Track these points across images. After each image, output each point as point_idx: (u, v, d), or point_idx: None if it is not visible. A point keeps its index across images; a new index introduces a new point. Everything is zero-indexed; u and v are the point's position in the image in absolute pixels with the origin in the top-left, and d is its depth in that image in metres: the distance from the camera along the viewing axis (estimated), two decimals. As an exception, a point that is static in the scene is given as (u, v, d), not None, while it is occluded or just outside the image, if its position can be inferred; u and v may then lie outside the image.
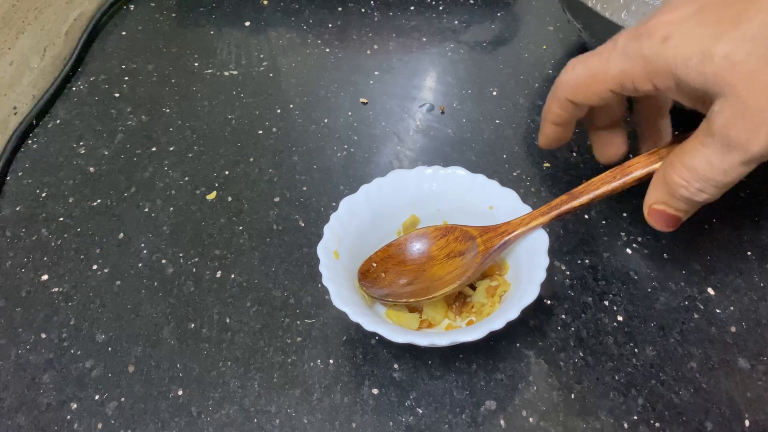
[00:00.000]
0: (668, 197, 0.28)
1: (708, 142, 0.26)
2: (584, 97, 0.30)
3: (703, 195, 0.27)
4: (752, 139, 0.25)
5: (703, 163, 0.26)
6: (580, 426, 0.31)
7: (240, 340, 0.35)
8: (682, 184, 0.27)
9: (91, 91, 0.52)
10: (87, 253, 0.40)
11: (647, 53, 0.26)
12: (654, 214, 0.30)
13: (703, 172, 0.26)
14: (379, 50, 0.56)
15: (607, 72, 0.28)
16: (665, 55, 0.26)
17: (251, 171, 0.45)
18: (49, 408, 0.32)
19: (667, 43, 0.26)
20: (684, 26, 0.25)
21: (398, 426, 0.31)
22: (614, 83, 0.28)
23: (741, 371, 0.33)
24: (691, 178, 0.27)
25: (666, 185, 0.28)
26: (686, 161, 0.27)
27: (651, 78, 0.27)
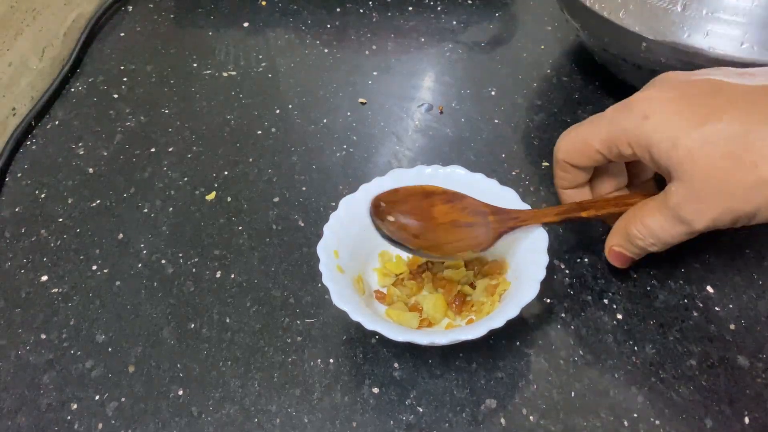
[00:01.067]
0: (626, 243, 0.34)
1: (663, 211, 0.31)
2: (578, 159, 0.34)
3: (654, 247, 0.33)
4: (696, 220, 0.30)
5: (657, 226, 0.32)
6: (580, 424, 0.31)
7: (240, 340, 0.35)
8: (639, 236, 0.33)
9: (89, 92, 0.52)
10: (86, 254, 0.40)
11: (628, 126, 0.31)
12: (613, 253, 0.35)
13: (655, 232, 0.32)
14: (377, 50, 0.56)
15: (596, 137, 0.32)
16: (644, 132, 0.30)
17: (250, 171, 0.45)
18: (50, 408, 0.32)
19: (647, 122, 0.30)
20: (664, 109, 0.30)
21: (399, 425, 0.31)
22: (601, 146, 0.32)
23: (740, 369, 0.33)
24: (647, 234, 0.32)
25: (626, 234, 0.34)
26: (645, 221, 0.32)
27: (631, 146, 0.31)
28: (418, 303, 0.34)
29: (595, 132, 0.33)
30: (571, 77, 0.52)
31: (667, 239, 0.32)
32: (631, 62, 0.44)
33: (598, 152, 0.33)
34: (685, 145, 0.29)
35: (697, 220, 0.30)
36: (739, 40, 0.38)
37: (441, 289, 0.35)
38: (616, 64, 0.47)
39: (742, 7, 0.38)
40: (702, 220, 0.30)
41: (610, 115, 0.32)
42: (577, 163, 0.34)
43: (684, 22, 0.40)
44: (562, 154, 0.35)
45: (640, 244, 0.33)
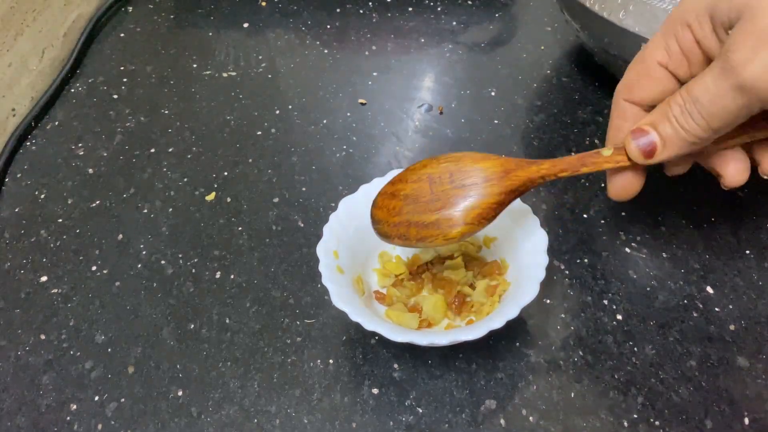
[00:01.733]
0: (660, 117, 0.28)
1: (713, 66, 0.25)
2: (639, 86, 0.29)
3: (690, 123, 0.26)
4: (747, 63, 0.24)
5: (701, 86, 0.26)
6: (579, 425, 0.31)
7: (240, 341, 0.35)
8: (678, 102, 0.27)
9: (89, 92, 0.52)
10: (86, 255, 0.40)
11: (685, 6, 0.27)
12: (636, 132, 0.28)
13: (697, 93, 0.26)
14: (377, 51, 0.56)
15: (653, 46, 0.28)
16: (701, 3, 0.26)
17: (250, 172, 0.45)
18: (49, 409, 0.32)
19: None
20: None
21: (398, 425, 0.31)
22: (659, 51, 0.28)
23: (740, 369, 0.33)
24: (687, 98, 0.26)
25: (664, 105, 0.28)
26: (690, 86, 0.26)
27: (689, 24, 0.27)
28: (418, 304, 0.34)
29: (650, 44, 0.28)
30: (571, 78, 0.52)
31: (707, 104, 0.25)
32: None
33: (658, 64, 0.28)
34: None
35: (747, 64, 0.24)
36: (739, 40, 0.38)
37: (441, 290, 0.35)
38: (616, 65, 0.47)
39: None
40: (753, 66, 0.24)
41: (660, 26, 0.29)
42: (639, 95, 0.29)
43: (684, 23, 0.40)
44: (621, 91, 0.30)
45: (676, 112, 0.27)
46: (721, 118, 0.26)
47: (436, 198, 0.31)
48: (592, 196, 0.41)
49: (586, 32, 0.47)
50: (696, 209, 0.40)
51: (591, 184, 0.42)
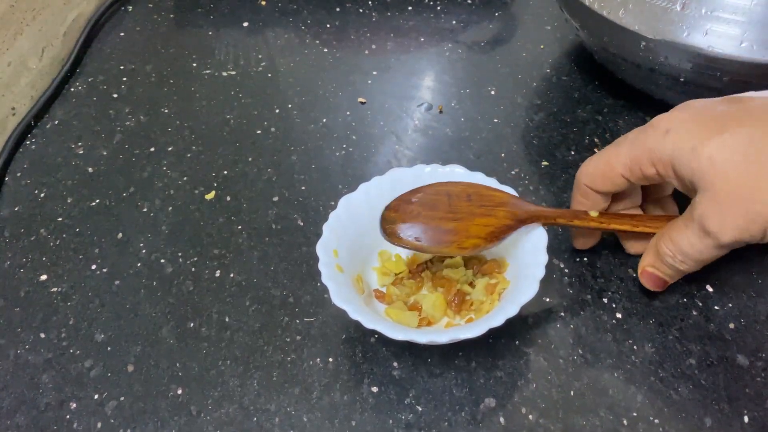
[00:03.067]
0: (658, 262, 0.34)
1: (690, 224, 0.31)
2: (601, 184, 0.33)
3: (684, 266, 0.32)
4: (722, 231, 0.29)
5: (685, 241, 0.31)
6: (579, 423, 0.31)
7: (239, 339, 0.35)
8: (669, 254, 0.32)
9: (89, 91, 0.52)
10: (86, 253, 0.40)
11: (651, 144, 0.31)
12: (646, 275, 0.35)
13: (684, 248, 0.31)
14: (377, 50, 0.56)
15: (619, 160, 0.32)
16: (665, 146, 0.30)
17: (250, 171, 0.45)
18: (49, 408, 0.32)
19: (668, 136, 0.30)
20: (684, 124, 0.30)
21: (398, 424, 0.31)
22: (625, 169, 0.32)
23: (740, 368, 0.33)
24: (676, 251, 0.32)
25: (657, 253, 0.33)
26: (673, 236, 0.32)
27: (654, 164, 0.31)
28: (418, 302, 0.34)
29: (618, 155, 0.32)
30: (570, 76, 0.52)
31: (696, 256, 0.31)
32: (631, 61, 0.44)
33: (621, 176, 0.32)
34: (706, 152, 0.29)
35: (722, 232, 0.29)
36: (739, 39, 0.38)
37: (440, 288, 0.35)
38: (616, 63, 0.47)
39: (741, 6, 0.38)
40: (728, 231, 0.29)
41: (632, 136, 0.32)
42: (599, 188, 0.34)
43: (683, 21, 0.40)
44: (584, 178, 0.34)
45: (670, 262, 0.33)
46: (707, 261, 0.32)
47: (454, 210, 0.34)
48: (592, 195, 0.41)
49: (585, 31, 0.47)
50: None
51: (590, 183, 0.42)
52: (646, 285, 0.35)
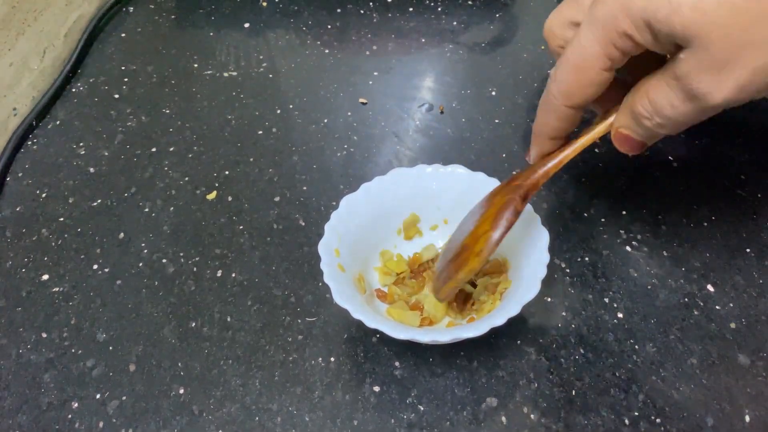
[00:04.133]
0: (633, 123, 0.29)
1: (672, 84, 0.26)
2: (581, 94, 0.29)
3: (663, 129, 0.28)
4: (714, 92, 0.24)
5: (666, 102, 0.26)
6: (581, 422, 0.31)
7: (241, 339, 0.35)
8: (645, 115, 0.28)
9: (90, 92, 0.52)
10: (87, 253, 0.40)
11: (614, 10, 0.25)
12: (619, 136, 0.30)
13: (663, 110, 0.27)
14: (378, 51, 0.56)
15: (589, 53, 0.27)
16: (634, 8, 0.24)
17: (251, 171, 0.45)
18: (51, 407, 0.32)
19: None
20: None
21: (400, 423, 0.31)
22: (601, 61, 0.27)
23: (741, 367, 0.33)
24: (654, 113, 0.27)
25: (632, 113, 0.28)
26: (651, 95, 0.27)
27: (625, 31, 0.25)
28: (419, 302, 0.34)
29: (584, 50, 0.27)
30: (571, 77, 0.52)
31: (678, 119, 0.27)
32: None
33: (600, 71, 0.27)
34: (688, 1, 0.23)
35: (714, 93, 0.24)
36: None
37: None
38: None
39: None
40: (721, 92, 0.24)
41: (590, 15, 0.27)
42: (579, 101, 0.29)
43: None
44: (560, 99, 0.29)
45: (647, 125, 0.28)
46: (688, 125, 0.27)
47: (456, 240, 0.33)
48: (593, 195, 0.42)
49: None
50: (696, 208, 0.40)
51: (592, 183, 0.42)
52: (620, 148, 0.30)
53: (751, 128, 0.45)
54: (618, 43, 0.26)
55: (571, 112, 0.30)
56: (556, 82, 0.29)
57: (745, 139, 0.45)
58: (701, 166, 0.43)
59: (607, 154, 0.44)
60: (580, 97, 0.29)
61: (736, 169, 0.43)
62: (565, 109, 0.30)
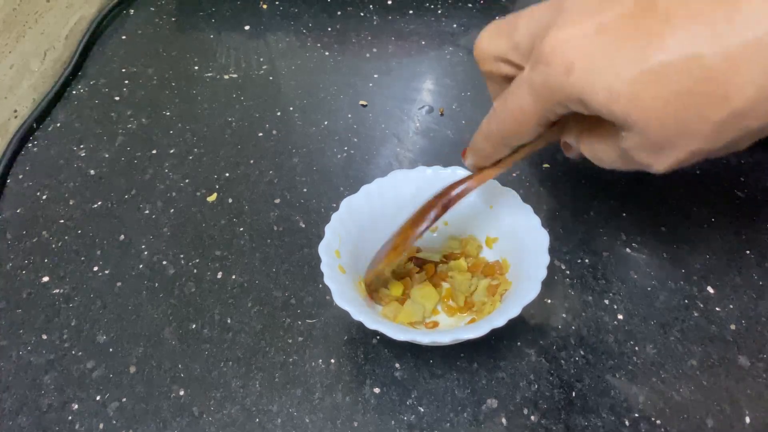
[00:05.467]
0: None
1: (615, 149, 0.27)
2: (517, 139, 0.29)
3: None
4: (655, 165, 0.26)
5: (608, 160, 0.28)
6: (581, 424, 0.31)
7: (241, 341, 0.35)
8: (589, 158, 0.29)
9: (91, 94, 0.52)
10: (88, 255, 0.40)
11: (553, 85, 0.25)
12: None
13: (605, 162, 0.28)
14: (378, 53, 0.56)
15: (526, 110, 0.27)
16: (572, 88, 0.24)
17: (251, 173, 0.45)
18: (51, 409, 0.32)
19: (572, 76, 0.24)
20: (586, 52, 0.24)
21: (400, 425, 0.31)
22: (537, 117, 0.27)
23: (741, 369, 0.33)
24: (596, 160, 0.28)
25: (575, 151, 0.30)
26: (597, 153, 0.28)
27: (565, 104, 0.26)
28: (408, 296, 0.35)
29: (521, 107, 0.27)
30: (571, 80, 0.52)
31: (608, 165, 0.28)
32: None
33: (537, 126, 0.28)
34: (626, 92, 0.23)
35: (656, 165, 0.25)
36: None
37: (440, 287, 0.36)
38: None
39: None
40: (663, 165, 0.25)
41: (527, 77, 0.26)
42: (517, 140, 0.29)
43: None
44: (497, 139, 0.30)
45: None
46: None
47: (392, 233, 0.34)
48: (593, 197, 0.42)
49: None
50: (696, 210, 0.40)
51: (592, 184, 0.42)
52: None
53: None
54: (555, 109, 0.26)
55: (507, 148, 0.31)
56: (496, 122, 0.30)
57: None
58: (701, 168, 0.43)
59: (606, 156, 0.44)
60: (517, 140, 0.30)
61: (736, 170, 0.43)
62: (503, 146, 0.31)
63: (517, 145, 0.30)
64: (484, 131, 0.31)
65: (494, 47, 0.30)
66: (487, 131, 0.31)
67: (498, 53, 0.30)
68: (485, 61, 0.31)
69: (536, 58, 0.26)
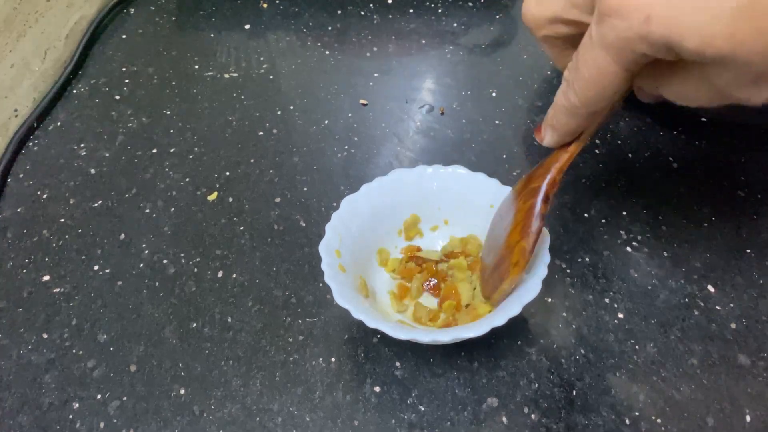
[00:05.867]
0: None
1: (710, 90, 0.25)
2: (604, 102, 0.27)
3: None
4: (754, 96, 0.24)
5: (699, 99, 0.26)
6: (581, 422, 0.31)
7: (242, 339, 0.35)
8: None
9: (91, 93, 0.52)
10: (88, 254, 0.40)
11: (631, 37, 0.23)
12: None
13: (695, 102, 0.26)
14: (378, 52, 0.56)
15: (606, 71, 0.25)
16: (655, 37, 0.23)
17: (252, 172, 0.45)
18: (51, 408, 0.32)
19: (652, 24, 0.22)
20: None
21: (400, 423, 0.31)
22: (620, 76, 0.25)
23: (741, 367, 0.33)
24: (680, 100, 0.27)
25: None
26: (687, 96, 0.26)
27: (649, 54, 0.24)
28: None
29: (603, 63, 0.25)
30: (571, 79, 0.52)
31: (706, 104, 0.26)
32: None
33: (621, 85, 0.26)
34: (722, 32, 0.21)
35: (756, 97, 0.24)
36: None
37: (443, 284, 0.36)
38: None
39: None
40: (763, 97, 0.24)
41: (598, 35, 0.25)
42: (604, 103, 0.27)
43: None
44: (586, 107, 0.28)
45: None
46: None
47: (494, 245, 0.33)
48: (593, 196, 0.42)
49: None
50: (696, 208, 0.40)
51: (592, 184, 0.42)
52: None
53: (751, 129, 0.46)
54: (637, 60, 0.25)
55: (594, 115, 0.29)
56: (575, 92, 0.27)
57: (745, 139, 0.45)
58: (701, 167, 0.43)
59: (607, 154, 0.44)
60: (603, 104, 0.28)
61: (736, 169, 0.43)
62: (588, 114, 0.28)
63: (603, 110, 0.28)
64: (562, 105, 0.29)
65: (546, 9, 0.29)
66: (567, 104, 0.28)
67: (552, 14, 0.28)
68: (539, 27, 0.30)
69: (603, 10, 0.24)
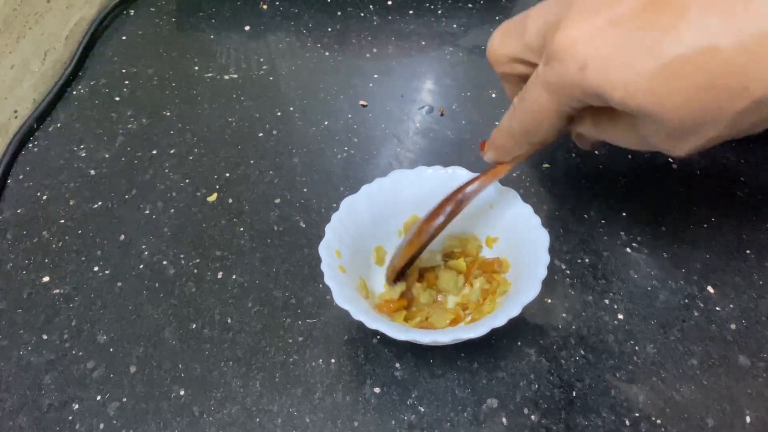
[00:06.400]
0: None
1: (634, 136, 0.27)
2: (540, 136, 0.30)
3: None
4: (674, 151, 0.26)
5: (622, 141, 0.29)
6: (581, 423, 0.31)
7: (241, 340, 0.35)
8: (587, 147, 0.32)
9: (91, 94, 0.52)
10: (88, 255, 0.40)
11: (567, 81, 0.25)
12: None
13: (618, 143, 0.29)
14: (378, 54, 0.56)
15: (544, 108, 0.28)
16: (587, 84, 0.24)
17: (252, 173, 0.45)
18: (51, 409, 0.32)
19: (586, 72, 0.24)
20: (598, 47, 0.24)
21: (400, 424, 0.31)
22: (556, 115, 0.28)
23: (741, 368, 0.33)
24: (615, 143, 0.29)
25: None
26: (614, 140, 0.29)
27: (582, 99, 0.26)
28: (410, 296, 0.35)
29: (540, 108, 0.28)
30: (571, 80, 0.52)
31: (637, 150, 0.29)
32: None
33: (559, 123, 0.28)
34: (643, 88, 0.23)
35: (676, 150, 0.26)
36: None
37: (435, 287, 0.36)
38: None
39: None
40: (682, 151, 0.25)
41: (542, 75, 0.27)
42: (540, 137, 0.30)
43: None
44: (525, 137, 0.30)
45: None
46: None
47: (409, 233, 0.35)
48: (593, 197, 0.42)
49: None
50: (696, 209, 0.40)
51: (592, 184, 0.42)
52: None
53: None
54: (571, 104, 0.27)
55: (530, 145, 0.31)
56: (517, 120, 0.30)
57: (745, 140, 0.45)
58: (701, 168, 0.43)
59: (607, 156, 0.44)
60: (537, 137, 0.30)
61: (736, 170, 0.43)
62: (525, 142, 0.31)
63: (537, 141, 0.30)
64: (504, 128, 0.31)
65: (507, 48, 0.31)
66: (507, 128, 0.31)
67: (511, 54, 0.30)
68: (499, 63, 0.31)
69: (549, 55, 0.26)
